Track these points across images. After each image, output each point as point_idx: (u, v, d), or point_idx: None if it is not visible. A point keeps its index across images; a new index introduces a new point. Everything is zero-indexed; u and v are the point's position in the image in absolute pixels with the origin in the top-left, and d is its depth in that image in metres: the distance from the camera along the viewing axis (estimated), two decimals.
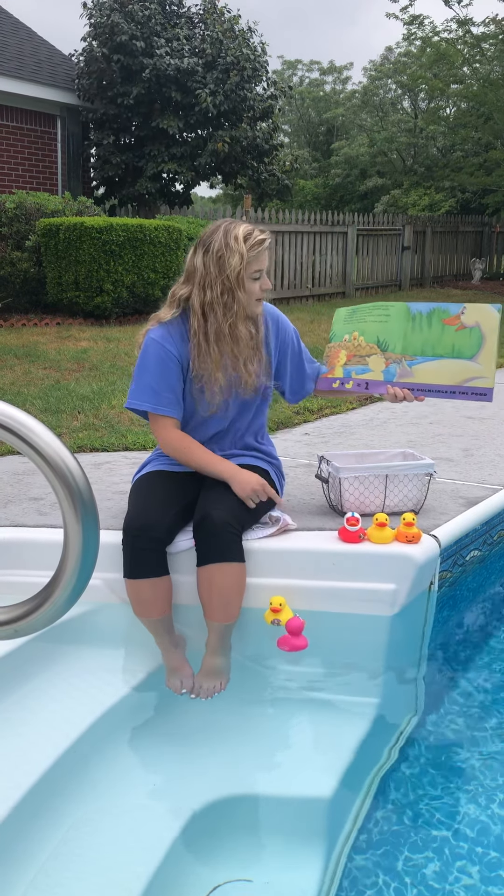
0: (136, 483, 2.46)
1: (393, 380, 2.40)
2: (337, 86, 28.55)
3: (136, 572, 2.17)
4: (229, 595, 2.17)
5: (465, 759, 2.01)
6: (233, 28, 11.96)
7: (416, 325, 2.39)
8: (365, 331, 2.47)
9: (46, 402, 4.65)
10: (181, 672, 2.17)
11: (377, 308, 2.48)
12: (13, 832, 1.61)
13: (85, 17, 11.70)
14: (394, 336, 2.42)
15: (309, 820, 1.83)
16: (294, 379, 2.58)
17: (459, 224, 17.20)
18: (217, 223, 2.33)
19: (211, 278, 2.26)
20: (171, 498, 2.31)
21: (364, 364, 2.45)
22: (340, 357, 2.51)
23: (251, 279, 2.28)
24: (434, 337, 2.36)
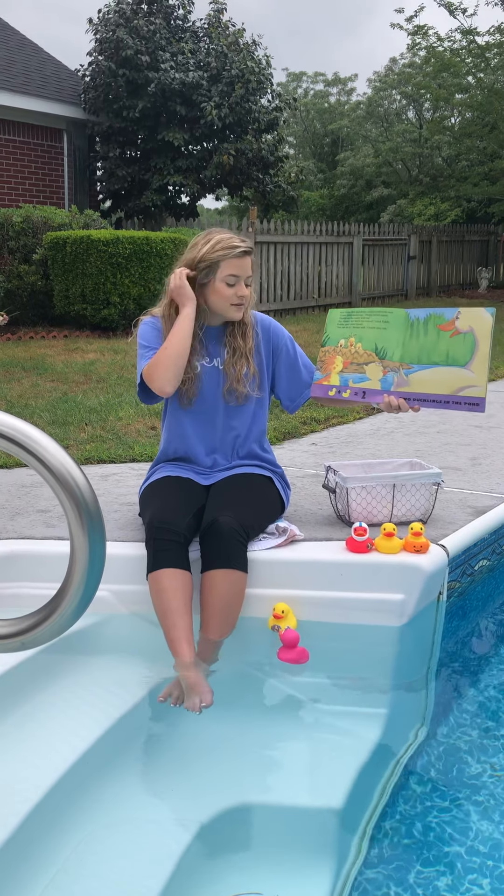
0: (146, 490, 2.48)
1: (390, 389, 2.34)
2: (342, 97, 28.66)
3: (158, 563, 2.17)
4: (229, 601, 2.17)
5: (476, 771, 1.99)
6: (237, 41, 12.04)
7: (414, 331, 2.34)
8: (363, 337, 2.42)
9: (54, 415, 4.66)
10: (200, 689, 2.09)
11: (375, 314, 2.43)
12: (23, 846, 1.61)
13: (91, 32, 11.80)
14: (392, 343, 2.36)
15: (319, 832, 1.81)
16: (290, 385, 2.59)
17: (465, 233, 17.22)
18: (211, 229, 2.50)
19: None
20: (185, 500, 2.34)
21: (361, 372, 2.39)
22: (336, 363, 2.45)
23: (223, 283, 2.39)
24: (430, 344, 2.30)
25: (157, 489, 2.43)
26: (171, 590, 2.14)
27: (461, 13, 16.10)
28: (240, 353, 2.48)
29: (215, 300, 2.41)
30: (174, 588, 2.14)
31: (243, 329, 2.50)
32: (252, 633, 2.32)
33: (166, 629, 2.14)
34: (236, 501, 2.31)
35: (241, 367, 2.47)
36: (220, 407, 2.50)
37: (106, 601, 2.34)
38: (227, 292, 2.39)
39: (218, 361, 2.50)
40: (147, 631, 2.24)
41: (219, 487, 2.41)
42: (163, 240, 8.72)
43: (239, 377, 2.47)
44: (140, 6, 12.03)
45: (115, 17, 11.60)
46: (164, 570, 2.16)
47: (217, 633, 2.18)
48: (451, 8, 15.95)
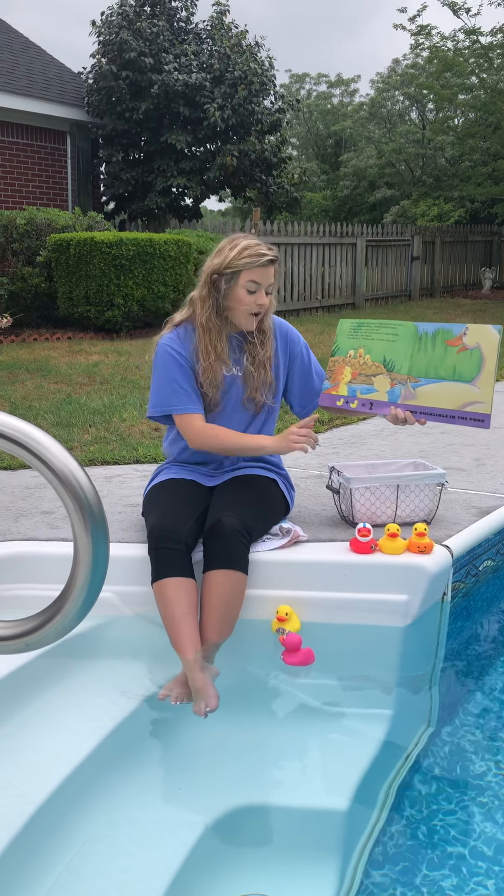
0: (150, 492, 2.48)
1: (397, 401, 2.36)
2: (345, 98, 28.66)
3: (160, 572, 2.17)
4: (229, 601, 2.17)
5: (482, 771, 1.99)
6: (240, 43, 12.05)
7: (423, 345, 2.35)
8: (371, 349, 2.43)
9: (58, 416, 4.67)
10: (205, 694, 2.09)
11: (384, 326, 2.45)
12: (28, 847, 1.61)
13: (94, 34, 11.82)
14: (400, 356, 2.38)
15: (324, 833, 1.81)
16: (303, 392, 2.59)
17: (469, 234, 17.20)
18: (235, 234, 2.45)
19: (202, 275, 2.41)
20: (188, 506, 2.34)
21: (369, 384, 2.41)
22: (345, 374, 2.47)
23: (244, 289, 2.34)
24: (437, 358, 2.32)
25: (161, 493, 2.42)
26: (175, 599, 2.15)
27: (465, 13, 16.09)
28: (259, 361, 2.46)
29: (235, 307, 2.38)
30: (177, 597, 2.15)
31: (262, 337, 2.47)
32: (256, 634, 2.32)
33: (172, 637, 2.15)
34: (240, 503, 2.31)
35: (260, 375, 2.46)
36: (237, 414, 2.49)
37: (110, 603, 2.35)
38: (246, 299, 2.35)
39: (237, 370, 2.47)
40: (151, 632, 2.24)
41: (223, 489, 2.42)
42: (166, 242, 8.73)
43: (257, 386, 2.46)
44: (143, 8, 12.05)
45: (118, 19, 11.62)
46: (166, 579, 2.17)
47: (215, 636, 2.18)
48: (454, 7, 15.94)
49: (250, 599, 2.28)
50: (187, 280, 9.03)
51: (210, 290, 2.37)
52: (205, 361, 2.39)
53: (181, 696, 2.09)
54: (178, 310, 2.52)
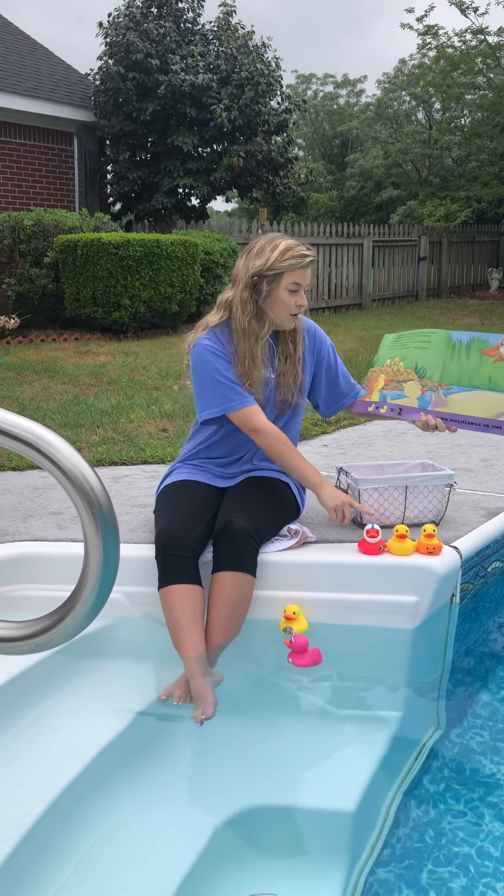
0: (162, 493, 2.48)
1: (427, 408, 2.37)
2: (351, 99, 28.64)
3: (166, 579, 2.17)
4: (236, 603, 2.17)
5: (490, 773, 1.98)
6: (247, 44, 12.05)
7: (456, 353, 2.35)
8: (405, 356, 2.45)
9: (66, 417, 4.67)
10: (204, 701, 2.08)
11: (420, 335, 2.46)
12: (37, 848, 1.61)
13: (101, 36, 11.84)
14: (432, 363, 2.38)
15: (332, 834, 1.81)
16: (328, 393, 2.60)
17: (476, 234, 17.17)
18: (270, 234, 2.42)
19: (241, 277, 2.37)
20: (199, 509, 2.33)
21: (400, 389, 2.42)
22: (379, 381, 2.50)
23: (287, 291, 2.34)
24: (472, 367, 2.32)
25: (172, 496, 2.41)
26: (180, 607, 2.14)
27: (472, 12, 16.05)
28: (291, 360, 2.46)
29: (277, 309, 2.37)
30: (182, 605, 2.15)
31: (294, 336, 2.47)
32: (264, 635, 2.32)
33: (176, 644, 2.14)
34: (251, 505, 2.31)
35: (291, 374, 2.46)
36: (272, 415, 2.48)
37: (118, 603, 2.35)
38: (288, 301, 2.35)
39: (270, 370, 2.47)
40: (159, 633, 2.24)
41: (235, 490, 2.41)
42: (173, 242, 8.74)
43: (289, 385, 2.46)
44: (150, 10, 12.06)
45: (125, 20, 11.63)
46: (172, 586, 2.16)
47: (221, 637, 2.18)
48: (462, 7, 15.90)
49: (259, 600, 2.28)
50: (194, 281, 9.04)
51: (251, 293, 2.35)
52: (243, 367, 2.37)
53: (183, 696, 2.09)
54: (211, 312, 2.49)
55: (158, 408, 4.99)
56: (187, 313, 9.29)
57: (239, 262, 2.40)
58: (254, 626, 2.29)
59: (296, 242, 2.36)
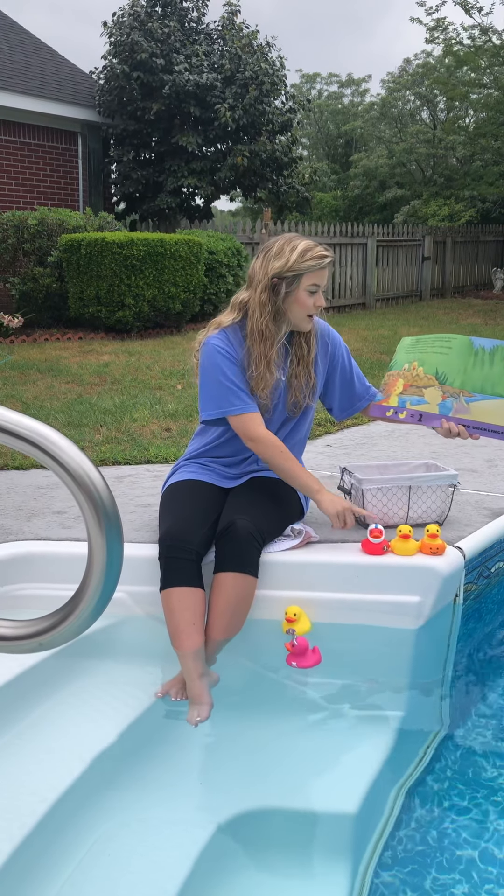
0: (167, 491, 2.47)
1: (449, 414, 2.34)
2: (355, 98, 28.62)
3: (168, 581, 2.17)
4: (237, 604, 2.17)
5: (494, 774, 1.98)
6: (251, 43, 12.05)
7: (478, 360, 2.32)
8: (425, 361, 2.41)
9: (69, 416, 4.68)
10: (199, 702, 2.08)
11: (440, 339, 2.42)
12: (39, 846, 1.61)
13: (105, 35, 11.84)
14: (454, 370, 2.35)
15: (334, 835, 1.81)
16: (343, 395, 2.58)
17: (480, 234, 17.15)
18: (287, 234, 2.39)
19: (258, 278, 2.34)
20: (203, 510, 2.32)
21: (420, 395, 2.39)
22: (397, 386, 2.45)
23: (306, 292, 2.33)
24: (496, 375, 2.29)
25: (176, 497, 2.40)
26: (180, 610, 2.14)
27: (477, 11, 16.01)
28: (303, 362, 2.44)
29: (296, 310, 2.34)
30: (182, 608, 2.14)
31: (308, 337, 2.45)
32: (267, 635, 2.32)
33: (174, 645, 2.14)
34: (255, 506, 2.31)
35: (304, 376, 2.44)
36: (281, 417, 2.47)
37: (122, 602, 2.35)
38: (307, 302, 2.33)
39: (282, 372, 2.44)
40: (162, 632, 2.24)
41: (239, 491, 2.41)
42: (177, 242, 8.74)
43: (301, 387, 2.44)
44: (154, 9, 12.06)
45: (129, 20, 11.64)
46: (173, 588, 2.16)
47: (221, 634, 2.18)
48: (466, 6, 15.86)
49: (262, 600, 2.28)
50: (198, 280, 9.04)
51: (270, 295, 2.32)
52: (257, 370, 2.35)
53: (179, 693, 2.10)
54: (223, 312, 2.46)
55: (162, 407, 4.99)
56: (191, 313, 9.29)
57: (255, 263, 2.37)
58: (257, 626, 2.29)
59: (314, 243, 2.33)
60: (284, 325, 2.38)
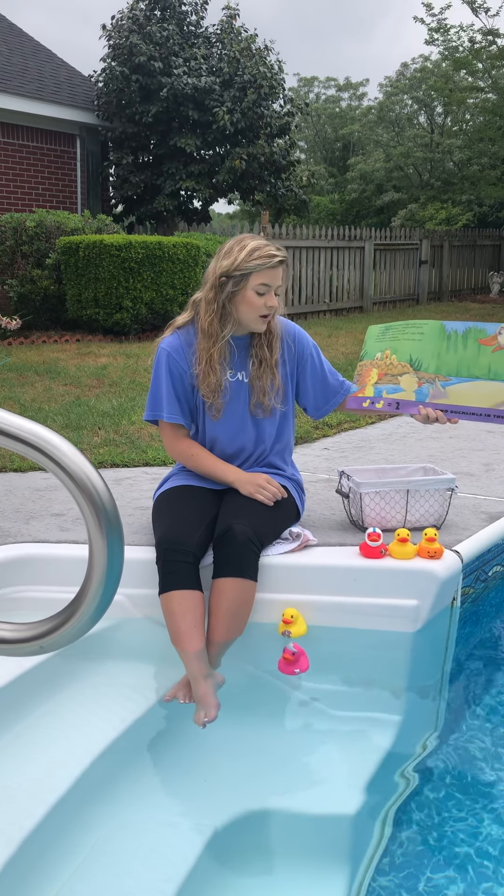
0: (159, 498, 2.47)
1: (425, 400, 2.33)
2: (353, 102, 28.69)
3: (167, 585, 2.17)
4: (238, 609, 2.17)
5: (490, 778, 1.98)
6: (249, 47, 12.07)
7: (451, 344, 2.31)
8: (398, 349, 2.40)
9: (67, 419, 4.68)
10: (206, 703, 2.08)
11: (411, 326, 2.41)
12: (37, 849, 1.61)
13: (104, 38, 11.86)
14: (427, 355, 2.34)
15: (331, 839, 1.81)
16: (316, 395, 2.57)
17: (477, 238, 17.19)
18: (240, 235, 2.41)
19: (209, 277, 2.37)
20: (198, 513, 2.32)
21: (395, 383, 2.37)
22: (372, 375, 2.44)
23: (254, 291, 2.32)
24: (470, 357, 2.28)
25: (170, 500, 2.41)
26: (181, 613, 2.14)
27: (484, 12, 15.99)
28: (266, 364, 2.43)
29: (244, 310, 2.34)
30: (183, 611, 2.14)
31: (270, 339, 2.44)
32: (265, 638, 2.32)
33: (178, 650, 2.14)
34: (251, 509, 2.31)
35: (267, 379, 2.43)
36: (247, 420, 2.47)
37: (120, 605, 2.35)
38: (256, 302, 2.32)
39: (243, 375, 2.44)
40: (161, 635, 2.24)
41: (234, 493, 2.41)
42: (175, 244, 8.75)
43: (265, 390, 2.43)
44: (153, 12, 12.08)
45: (128, 23, 11.66)
46: (173, 592, 2.16)
47: (223, 636, 2.18)
48: (473, 5, 15.84)
49: (260, 603, 2.28)
50: (196, 283, 9.05)
51: (216, 293, 2.33)
52: (198, 366, 2.37)
53: (187, 696, 2.10)
54: (183, 312, 2.49)
55: None
56: None
57: (211, 264, 2.39)
58: (255, 630, 2.29)
59: (265, 243, 2.33)
60: (230, 324, 2.38)
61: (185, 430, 2.47)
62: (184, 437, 2.47)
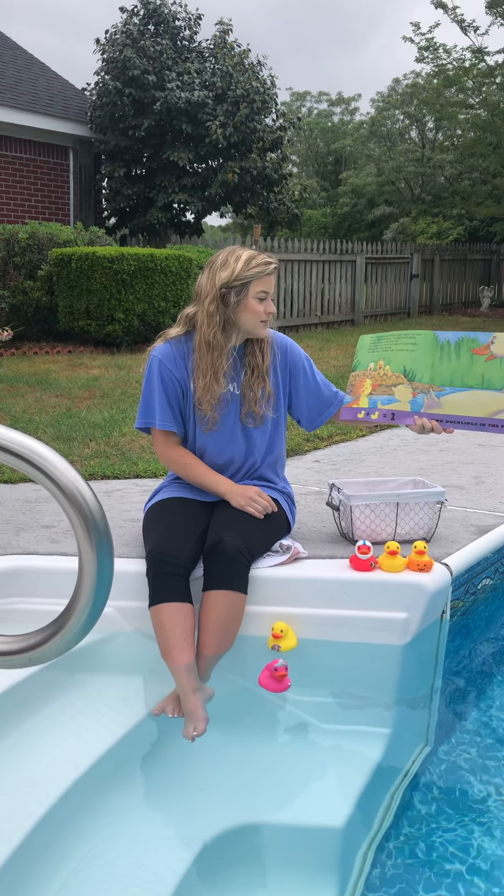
0: (150, 511, 2.47)
1: (420, 411, 2.35)
2: (345, 116, 28.90)
3: (157, 597, 2.17)
4: (227, 622, 2.17)
5: (479, 791, 1.98)
6: (242, 62, 12.16)
7: (445, 354, 2.33)
8: (391, 360, 2.42)
9: (58, 430, 4.68)
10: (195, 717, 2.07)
11: (404, 336, 2.43)
12: (25, 863, 1.61)
13: (98, 52, 11.93)
14: (421, 365, 2.36)
15: (321, 852, 1.81)
16: (310, 406, 2.58)
17: (468, 252, 17.31)
18: (229, 247, 2.44)
19: (206, 291, 2.38)
20: (189, 525, 2.33)
21: (390, 394, 2.39)
22: (365, 386, 2.45)
23: (255, 299, 2.36)
24: (463, 367, 2.30)
25: (161, 512, 2.41)
26: (171, 625, 2.14)
27: (472, 31, 16.16)
28: (258, 372, 2.46)
29: (247, 318, 2.38)
30: (173, 623, 2.14)
31: (262, 346, 2.48)
32: (254, 651, 2.32)
33: (167, 662, 2.14)
34: (242, 522, 2.31)
35: (258, 386, 2.45)
36: (238, 431, 2.48)
37: (110, 618, 2.35)
38: (258, 308, 2.37)
39: (235, 386, 2.46)
40: (150, 648, 2.24)
41: (224, 506, 2.41)
42: (167, 257, 8.78)
43: (256, 398, 2.45)
44: (147, 27, 12.17)
45: (122, 37, 11.73)
46: (163, 604, 2.16)
47: (213, 650, 2.18)
48: (462, 24, 16.02)
49: (250, 616, 2.28)
50: (188, 295, 9.08)
51: (218, 305, 2.35)
52: (202, 380, 2.38)
53: (176, 710, 2.09)
54: (174, 325, 2.50)
55: None
56: None
57: (202, 277, 2.41)
58: (245, 643, 2.29)
59: (257, 252, 2.40)
60: (234, 334, 2.42)
61: (177, 438, 2.48)
62: (176, 445, 2.48)
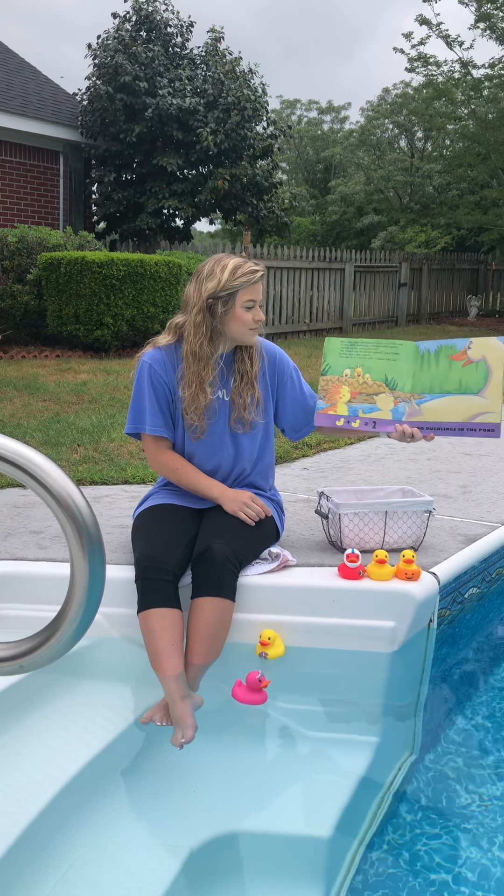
0: (139, 517, 2.47)
1: (402, 419, 2.38)
2: (335, 125, 29.03)
3: (145, 603, 2.16)
4: (216, 629, 2.17)
5: (465, 799, 1.99)
6: (234, 69, 12.20)
7: (425, 362, 2.37)
8: (371, 368, 2.44)
9: (46, 435, 4.66)
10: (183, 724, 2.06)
11: (383, 346, 2.45)
12: (11, 872, 1.60)
13: (90, 57, 11.94)
14: (403, 375, 2.39)
15: (307, 860, 1.81)
16: (295, 416, 2.59)
17: (455, 261, 17.41)
18: (216, 255, 2.43)
19: (193, 301, 2.38)
20: (178, 532, 2.33)
21: (371, 402, 2.42)
22: (343, 393, 2.46)
23: (243, 308, 2.36)
24: (442, 374, 2.35)
25: (150, 519, 2.42)
26: (159, 630, 2.14)
27: (458, 45, 16.32)
28: (247, 378, 2.46)
29: (236, 327, 2.38)
30: (161, 629, 2.14)
31: (250, 352, 2.48)
32: (242, 658, 2.32)
33: (155, 668, 2.13)
34: (231, 529, 2.31)
35: (248, 393, 2.46)
36: (226, 437, 2.48)
37: (98, 624, 2.34)
38: (246, 317, 2.37)
39: (224, 393, 2.47)
40: (139, 654, 2.23)
41: (214, 513, 2.41)
42: (157, 262, 8.78)
43: (245, 404, 2.46)
44: (139, 33, 12.19)
45: (114, 43, 11.75)
46: (151, 610, 2.16)
47: (201, 659, 2.18)
48: (448, 40, 16.18)
49: (238, 623, 2.28)
50: (177, 301, 9.08)
51: (205, 316, 2.35)
52: (189, 390, 2.38)
53: (164, 719, 2.08)
54: (163, 333, 2.50)
55: None
56: None
57: (189, 288, 2.41)
58: (233, 650, 2.29)
59: (243, 260, 2.39)
60: (222, 344, 2.43)
61: (167, 443, 2.48)
62: (166, 450, 2.48)
